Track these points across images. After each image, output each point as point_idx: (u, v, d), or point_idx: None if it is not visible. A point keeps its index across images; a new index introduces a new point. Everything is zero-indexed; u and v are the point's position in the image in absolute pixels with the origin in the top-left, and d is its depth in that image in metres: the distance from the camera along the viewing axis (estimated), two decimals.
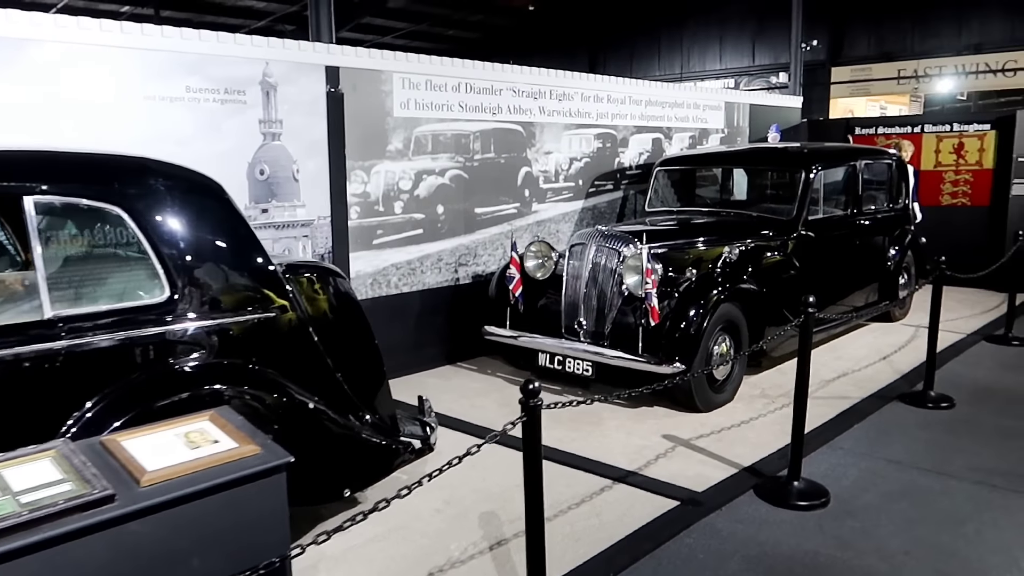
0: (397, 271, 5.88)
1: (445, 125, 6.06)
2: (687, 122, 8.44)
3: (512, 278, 5.54)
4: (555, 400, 3.11)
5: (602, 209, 7.56)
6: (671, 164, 6.93)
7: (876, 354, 6.45)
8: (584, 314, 5.33)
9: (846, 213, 6.62)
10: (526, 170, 6.75)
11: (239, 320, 2.85)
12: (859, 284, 6.86)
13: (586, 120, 7.26)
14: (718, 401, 5.11)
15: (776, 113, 9.80)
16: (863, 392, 5.46)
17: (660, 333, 4.85)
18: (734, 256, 5.17)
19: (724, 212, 6.45)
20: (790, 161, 6.44)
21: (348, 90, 5.41)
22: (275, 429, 2.84)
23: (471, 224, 6.34)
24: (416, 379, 5.88)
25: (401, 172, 5.81)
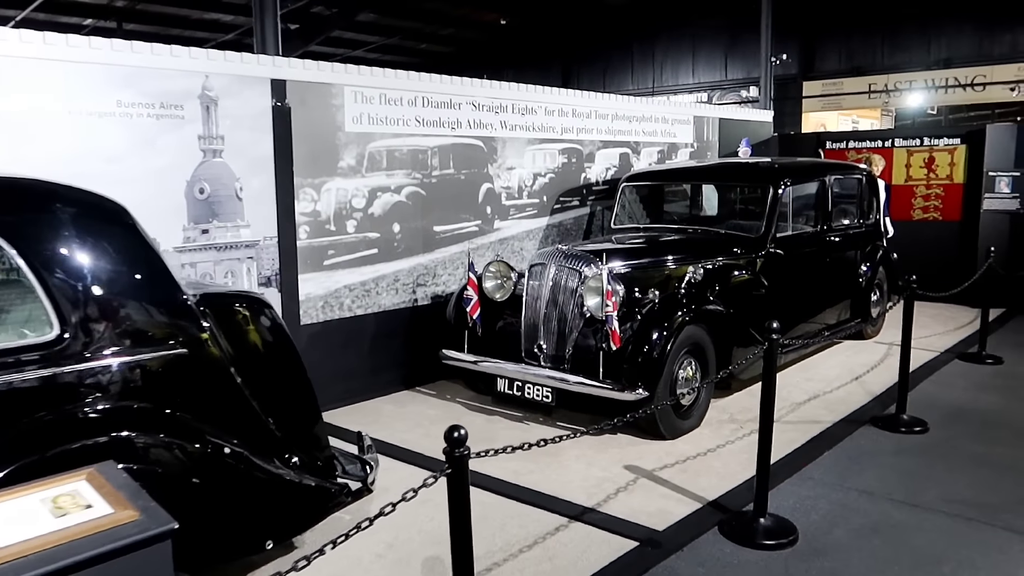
0: (351, 293, 5.61)
1: (401, 140, 5.82)
2: (655, 136, 8.27)
3: (469, 300, 5.29)
4: (487, 448, 2.83)
5: (568, 226, 7.35)
6: (637, 180, 6.74)
7: (848, 374, 6.28)
8: (544, 337, 5.09)
9: (816, 229, 6.46)
10: (487, 186, 6.53)
11: (146, 359, 2.58)
12: (830, 302, 6.69)
13: (550, 135, 7.05)
14: (684, 428, 4.88)
15: (746, 127, 9.69)
16: (834, 415, 5.26)
17: (621, 358, 4.62)
18: (699, 276, 4.96)
19: (692, 229, 6.26)
20: (758, 176, 6.27)
21: (296, 104, 5.16)
22: (188, 479, 2.57)
23: (430, 243, 6.10)
24: (371, 406, 5.60)
25: (354, 189, 5.56)
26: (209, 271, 4.86)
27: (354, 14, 16.05)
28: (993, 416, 5.21)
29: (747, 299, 5.56)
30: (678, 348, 4.72)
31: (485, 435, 4.96)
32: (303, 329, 5.34)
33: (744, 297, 5.54)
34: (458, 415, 5.39)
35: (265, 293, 5.13)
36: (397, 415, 5.39)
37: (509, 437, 4.91)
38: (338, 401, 5.53)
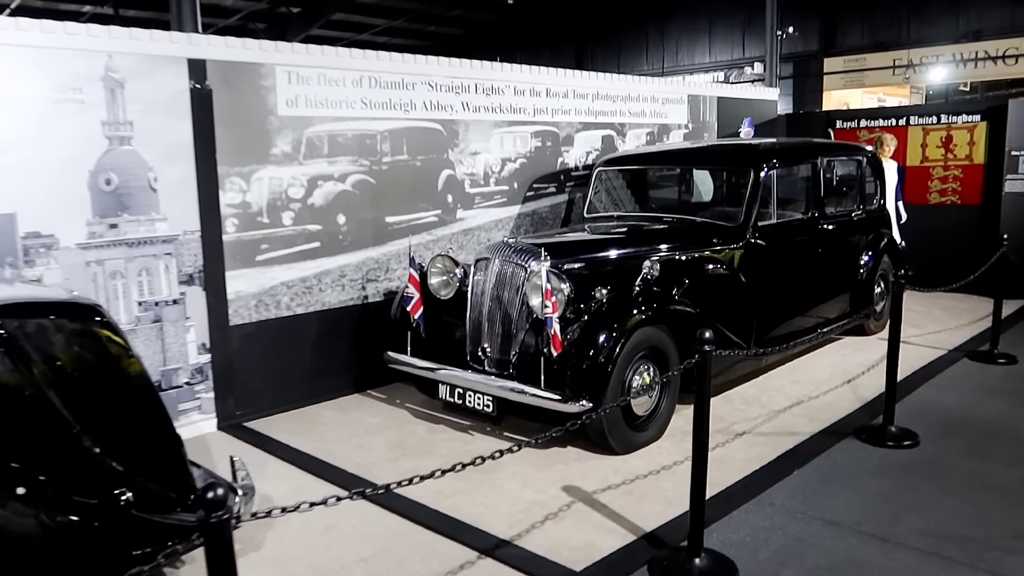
0: (289, 290, 5.19)
1: (345, 124, 5.36)
2: (644, 117, 7.71)
3: (411, 298, 4.84)
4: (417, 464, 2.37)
5: (543, 214, 6.85)
6: (613, 164, 6.21)
7: (840, 376, 5.71)
8: (488, 340, 4.62)
9: (806, 217, 5.87)
10: (448, 173, 6.05)
11: None
12: (825, 296, 6.11)
13: (521, 116, 6.54)
14: (640, 441, 4.38)
15: (749, 107, 9.06)
16: (815, 426, 4.71)
17: (564, 365, 4.13)
18: (662, 270, 4.43)
19: (668, 218, 5.72)
20: (738, 159, 5.70)
21: (218, 86, 4.73)
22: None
23: (381, 235, 5.65)
24: (311, 412, 5.19)
25: (290, 178, 5.12)
26: (120, 269, 4.47)
27: None
28: (995, 427, 4.62)
29: (722, 296, 5.03)
30: (630, 353, 4.21)
31: (423, 447, 4.52)
32: (233, 330, 4.94)
33: (718, 294, 5.01)
34: (401, 423, 4.95)
35: (187, 292, 4.74)
36: (336, 423, 4.97)
37: (449, 450, 4.46)
38: (274, 407, 5.13)
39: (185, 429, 4.76)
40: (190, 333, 4.79)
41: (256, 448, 4.57)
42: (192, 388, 4.82)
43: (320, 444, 4.59)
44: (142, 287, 4.57)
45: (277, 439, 4.70)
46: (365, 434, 4.75)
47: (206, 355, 4.86)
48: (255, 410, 5.07)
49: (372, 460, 4.34)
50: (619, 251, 4.89)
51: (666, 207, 6.26)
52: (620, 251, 4.89)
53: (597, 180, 6.21)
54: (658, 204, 6.28)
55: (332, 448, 4.52)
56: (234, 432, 4.84)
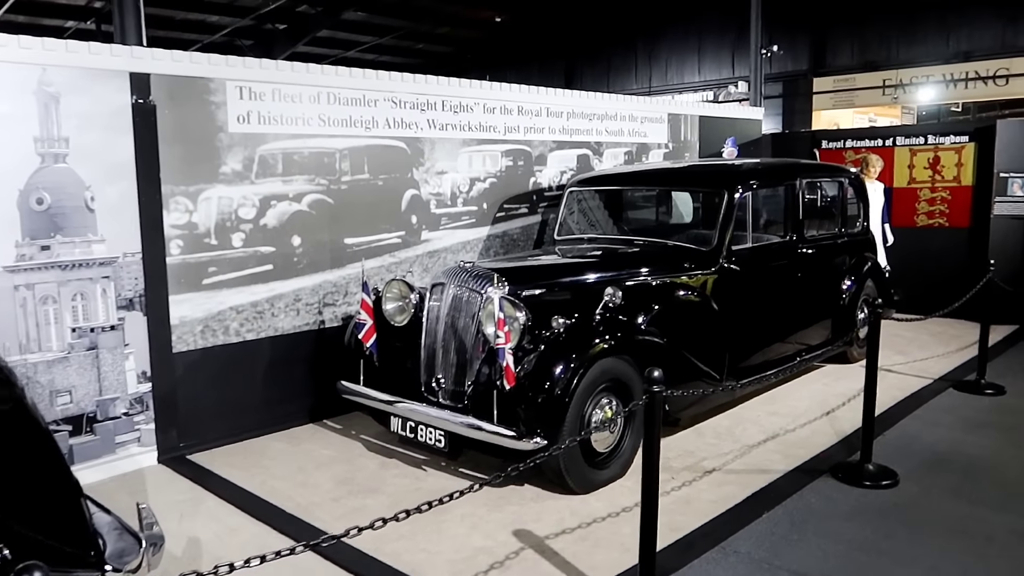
0: (238, 315, 4.94)
1: (301, 142, 5.14)
2: (622, 136, 7.50)
3: (363, 325, 4.59)
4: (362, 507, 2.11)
5: (514, 236, 6.62)
6: (584, 184, 5.98)
7: (819, 407, 5.45)
8: (443, 370, 4.37)
9: (785, 240, 5.64)
10: (412, 193, 5.82)
11: None
12: (803, 323, 5.87)
13: (491, 135, 6.33)
14: (600, 479, 4.12)
15: (732, 126, 8.86)
16: (789, 462, 4.45)
17: (518, 398, 3.88)
18: (617, 299, 4.18)
19: (640, 241, 5.48)
20: (711, 181, 5.47)
21: (163, 101, 4.50)
22: None
23: (340, 257, 5.40)
24: (259, 444, 4.92)
25: (241, 198, 4.89)
26: (51, 293, 4.22)
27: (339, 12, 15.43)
28: (981, 465, 4.37)
29: (692, 324, 4.79)
30: (590, 385, 3.96)
31: (371, 484, 4.25)
32: (176, 358, 4.68)
33: (688, 321, 4.77)
34: (353, 456, 4.68)
35: (126, 317, 4.48)
36: (284, 456, 4.70)
37: (398, 488, 4.19)
38: (221, 439, 4.87)
39: (123, 462, 4.51)
40: (129, 361, 4.53)
41: (194, 484, 4.30)
42: (131, 419, 4.56)
43: (263, 480, 4.32)
44: (76, 312, 4.32)
45: (218, 474, 4.43)
46: (313, 469, 4.48)
47: (146, 384, 4.60)
48: (200, 442, 4.80)
49: (315, 499, 4.06)
50: (583, 276, 4.66)
51: (640, 229, 6.03)
52: (584, 276, 4.65)
53: (569, 201, 5.99)
54: (632, 226, 6.05)
55: (275, 485, 4.25)
56: (175, 466, 4.56)
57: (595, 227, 5.99)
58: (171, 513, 3.92)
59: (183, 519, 3.86)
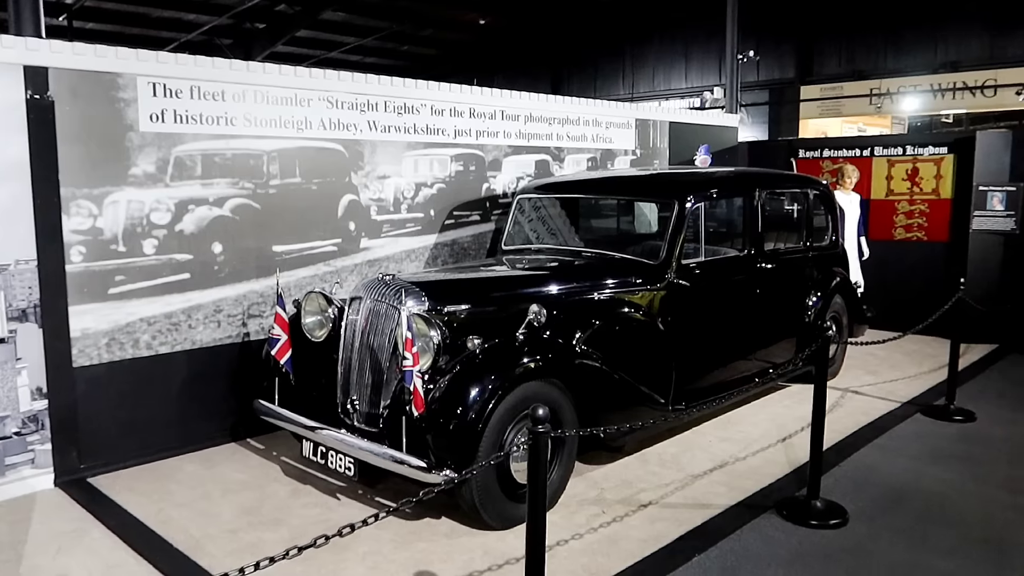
0: (150, 327, 4.60)
1: (223, 143, 4.81)
2: (584, 141, 7.18)
3: (277, 341, 4.25)
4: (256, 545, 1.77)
5: (465, 244, 6.29)
6: (533, 192, 5.66)
7: (776, 432, 5.12)
8: (357, 391, 4.04)
9: (742, 255, 5.31)
10: (350, 198, 5.49)
11: None
12: (762, 342, 5.54)
13: (439, 138, 6.00)
14: (522, 514, 3.72)
15: (706, 133, 8.55)
16: (733, 496, 4.12)
17: (427, 425, 3.54)
18: (542, 318, 3.85)
19: (588, 253, 5.15)
20: (660, 190, 5.15)
21: (63, 97, 4.18)
22: None
23: (267, 266, 5.07)
24: (170, 465, 4.58)
25: (154, 202, 4.56)
26: None
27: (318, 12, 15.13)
28: (938, 503, 4.03)
29: (634, 344, 4.46)
30: (510, 412, 3.62)
31: (276, 514, 3.91)
32: (78, 373, 4.34)
33: (630, 341, 4.44)
34: (266, 481, 4.34)
35: (19, 329, 4.15)
36: (192, 480, 4.36)
37: (304, 520, 3.85)
38: (129, 460, 4.53)
39: (13, 486, 4.18)
40: (22, 376, 4.19)
41: (85, 511, 3.96)
42: (24, 439, 4.22)
43: (161, 508, 3.98)
44: None
45: (115, 500, 4.08)
46: (219, 496, 4.14)
47: (42, 401, 4.26)
48: (104, 463, 4.46)
49: (210, 531, 3.72)
50: (515, 291, 4.32)
51: (592, 240, 5.70)
52: (516, 291, 4.32)
53: (517, 209, 5.66)
54: (584, 237, 5.72)
55: (172, 514, 3.91)
56: (71, 490, 4.22)
57: (545, 237, 5.66)
58: (49, 546, 3.59)
59: (60, 553, 3.52)
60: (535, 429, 2.34)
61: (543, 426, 2.34)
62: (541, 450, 2.34)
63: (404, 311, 3.56)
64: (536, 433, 2.33)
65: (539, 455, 2.34)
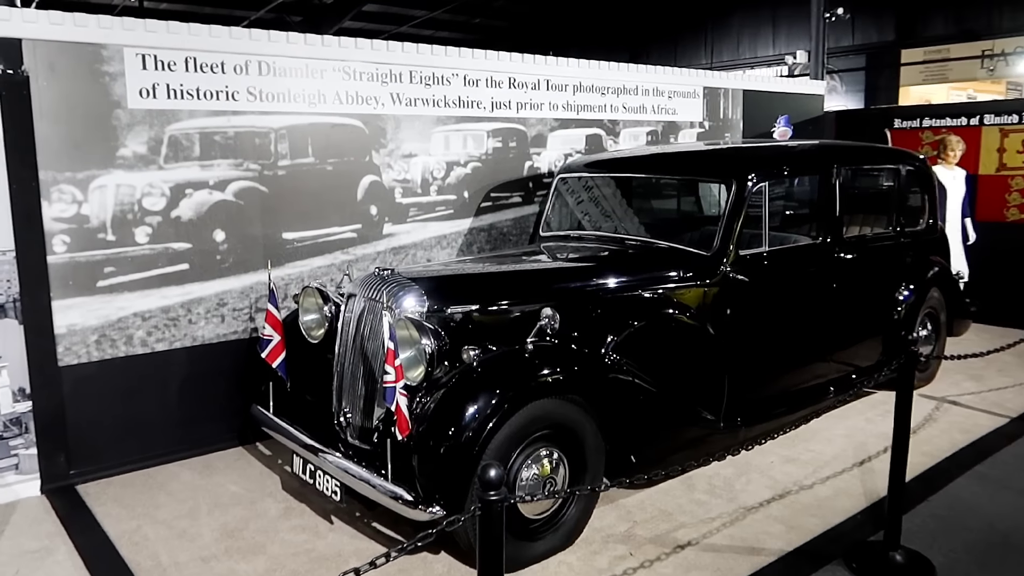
0: (145, 322, 4.23)
1: (224, 120, 4.37)
2: (643, 113, 6.45)
3: (268, 342, 3.80)
4: None
5: (504, 229, 5.71)
6: (574, 171, 5.01)
7: (853, 453, 4.35)
8: (350, 402, 3.54)
9: (817, 243, 4.53)
10: (371, 179, 4.98)
11: None
12: (839, 346, 4.75)
13: (474, 112, 5.41)
14: (532, 554, 3.21)
15: (784, 102, 7.65)
16: (792, 539, 3.42)
17: (413, 453, 3.00)
18: (555, 324, 3.23)
19: (633, 241, 4.48)
20: (714, 168, 4.41)
21: (40, 72, 3.80)
22: None
23: (277, 255, 4.63)
24: (167, 472, 4.22)
25: (146, 186, 4.16)
26: None
27: None
28: None
29: (675, 351, 3.80)
30: (516, 435, 3.05)
31: (259, 539, 3.47)
32: (64, 372, 4.01)
33: (670, 348, 3.78)
34: (261, 495, 3.92)
35: None
36: (183, 491, 3.98)
37: (285, 548, 3.40)
38: (124, 465, 4.20)
39: None
40: (2, 376, 3.89)
41: (61, 526, 3.62)
42: (5, 443, 3.93)
43: (139, 525, 3.60)
44: None
45: (95, 513, 3.74)
46: (205, 512, 3.73)
47: (25, 403, 3.95)
48: (96, 469, 4.14)
49: (181, 558, 3.31)
50: (534, 289, 3.72)
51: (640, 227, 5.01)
52: (536, 289, 3.72)
53: (556, 191, 5.02)
54: (630, 223, 5.03)
55: (149, 533, 3.52)
56: (56, 499, 3.91)
57: (586, 223, 5.01)
58: (8, 568, 3.25)
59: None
60: (485, 496, 1.75)
61: (495, 492, 1.75)
62: (494, 522, 1.75)
63: (393, 314, 3.01)
64: (486, 501, 1.74)
65: (491, 530, 1.75)
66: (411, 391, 3.12)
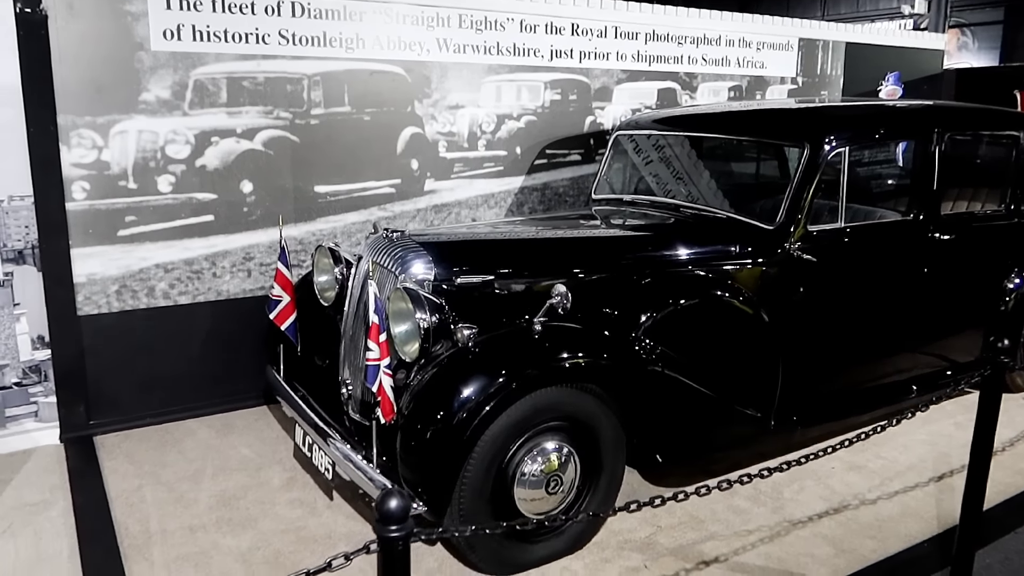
0: (167, 274, 4.10)
1: (253, 65, 4.12)
2: (726, 66, 5.83)
3: (277, 303, 3.56)
4: None
5: (560, 189, 5.29)
6: (632, 128, 4.51)
7: (932, 464, 3.78)
8: (351, 372, 3.27)
9: (906, 219, 3.90)
10: (413, 131, 4.65)
11: None
12: (927, 340, 4.12)
13: (531, 60, 4.98)
14: (532, 558, 2.87)
15: (900, 58, 6.81)
16: (839, 566, 2.95)
17: (396, 441, 2.70)
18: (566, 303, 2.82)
19: (687, 208, 3.98)
20: (786, 129, 3.81)
21: (59, 11, 3.64)
22: None
23: (308, 208, 4.40)
24: (185, 428, 4.12)
25: (169, 133, 3.98)
26: None
27: None
28: None
29: (718, 341, 3.32)
30: (517, 427, 2.69)
31: (252, 511, 3.29)
32: (84, 322, 3.93)
33: (714, 335, 3.31)
34: (269, 461, 3.75)
35: (15, 272, 3.77)
36: (194, 451, 3.85)
37: (276, 524, 3.20)
38: (145, 417, 4.13)
39: (15, 439, 3.87)
40: (20, 323, 3.84)
41: (66, 477, 3.56)
42: (25, 390, 3.89)
43: (141, 484, 3.50)
44: None
45: (103, 467, 3.67)
46: (209, 475, 3.59)
47: (44, 351, 3.90)
48: (115, 420, 4.07)
49: (170, 526, 3.17)
50: (560, 261, 3.31)
51: (701, 193, 4.47)
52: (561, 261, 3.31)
53: (613, 149, 4.55)
54: (691, 188, 4.50)
55: (147, 495, 3.41)
56: (73, 448, 3.86)
57: (642, 186, 4.52)
58: (3, 521, 3.19)
59: (4, 534, 3.10)
60: (383, 531, 1.41)
61: (394, 528, 1.40)
62: (396, 566, 1.41)
63: (371, 286, 2.68)
64: (385, 540, 1.39)
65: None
66: (405, 369, 2.81)
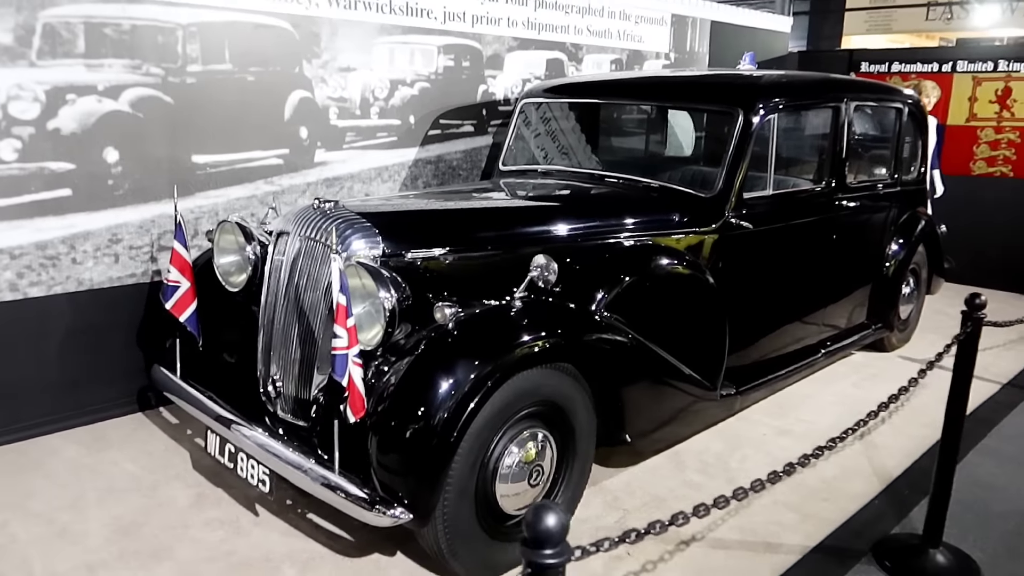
0: (14, 261, 3.36)
1: (117, 9, 3.46)
2: (608, 38, 5.77)
3: (174, 289, 3.01)
4: None
5: (453, 162, 4.98)
6: (543, 95, 4.31)
7: (850, 422, 3.90)
8: (281, 367, 2.82)
9: (820, 188, 4.02)
10: (302, 95, 4.15)
11: None
12: (832, 301, 4.31)
13: (423, 22, 4.62)
14: (510, 558, 2.61)
15: (752, 37, 7.10)
16: (810, 531, 2.95)
17: (369, 439, 2.33)
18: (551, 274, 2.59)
19: (614, 179, 3.85)
20: (720, 96, 3.78)
21: None
22: None
23: (185, 182, 3.78)
24: (46, 446, 3.42)
25: (13, 87, 3.24)
26: None
27: None
28: None
29: (674, 309, 3.22)
30: (500, 414, 2.41)
31: (161, 539, 2.75)
32: None
33: (668, 305, 3.20)
34: (166, 477, 3.18)
35: None
36: (67, 472, 3.19)
37: (197, 551, 2.70)
38: None
39: None
40: None
41: None
42: None
43: (5, 520, 2.83)
44: None
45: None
46: (94, 501, 2.98)
47: None
48: None
49: (59, 568, 2.57)
50: (514, 230, 3.06)
51: (619, 163, 4.39)
52: (516, 231, 3.05)
53: (521, 118, 4.32)
54: (607, 158, 4.41)
55: (16, 532, 2.76)
56: None
57: (556, 156, 4.35)
58: None
59: None
60: (536, 557, 1.11)
61: (549, 551, 1.11)
62: None
63: (335, 261, 2.29)
64: (539, 567, 1.10)
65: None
66: (365, 358, 2.43)
